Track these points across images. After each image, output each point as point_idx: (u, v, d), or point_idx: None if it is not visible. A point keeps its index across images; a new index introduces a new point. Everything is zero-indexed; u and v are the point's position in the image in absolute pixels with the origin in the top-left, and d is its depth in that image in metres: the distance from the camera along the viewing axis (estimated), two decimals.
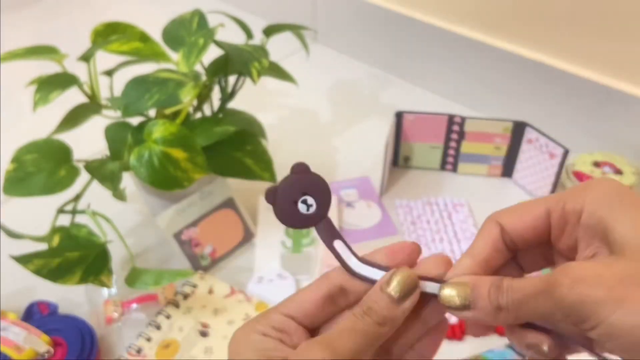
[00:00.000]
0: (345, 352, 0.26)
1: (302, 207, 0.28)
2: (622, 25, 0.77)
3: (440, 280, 0.28)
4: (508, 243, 0.29)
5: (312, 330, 0.30)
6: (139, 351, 0.62)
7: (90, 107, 0.67)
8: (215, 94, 0.71)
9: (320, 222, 0.29)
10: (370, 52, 1.09)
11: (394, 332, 0.28)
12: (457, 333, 0.64)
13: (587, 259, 0.27)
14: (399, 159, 0.86)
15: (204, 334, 0.63)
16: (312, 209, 0.29)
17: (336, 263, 0.29)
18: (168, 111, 0.67)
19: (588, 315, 0.24)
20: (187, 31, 0.70)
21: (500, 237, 0.29)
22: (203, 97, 0.70)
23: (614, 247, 0.25)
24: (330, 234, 0.29)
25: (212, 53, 0.66)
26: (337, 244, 0.29)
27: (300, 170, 0.29)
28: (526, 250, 0.30)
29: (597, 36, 0.80)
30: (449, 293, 0.27)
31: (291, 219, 0.29)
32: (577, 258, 0.28)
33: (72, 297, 0.68)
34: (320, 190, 0.29)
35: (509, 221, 0.29)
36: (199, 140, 0.64)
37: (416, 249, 0.30)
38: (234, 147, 0.68)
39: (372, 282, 0.29)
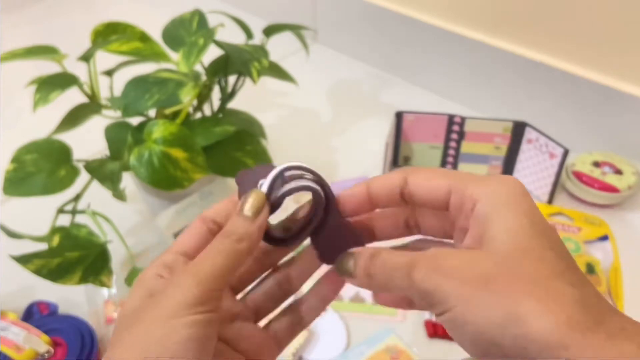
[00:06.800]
0: (209, 273, 0.27)
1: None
2: (622, 26, 0.77)
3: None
4: (407, 196, 0.30)
5: None
6: None
7: (90, 107, 0.67)
8: (215, 94, 0.71)
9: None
10: (370, 52, 1.09)
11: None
12: None
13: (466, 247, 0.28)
14: (399, 159, 0.86)
15: None
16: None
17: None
18: (168, 111, 0.67)
19: (437, 302, 0.26)
20: (187, 31, 0.70)
21: (400, 185, 0.30)
22: (203, 97, 0.70)
23: (486, 244, 0.26)
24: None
25: (212, 53, 0.66)
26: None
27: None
28: (425, 211, 0.32)
29: (597, 36, 0.80)
30: (342, 265, 0.30)
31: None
32: (462, 243, 0.28)
33: (72, 297, 0.68)
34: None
35: (415, 178, 0.30)
36: (199, 140, 0.64)
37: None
38: (234, 147, 0.68)
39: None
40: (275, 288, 0.33)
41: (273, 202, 0.30)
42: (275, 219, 0.31)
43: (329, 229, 0.31)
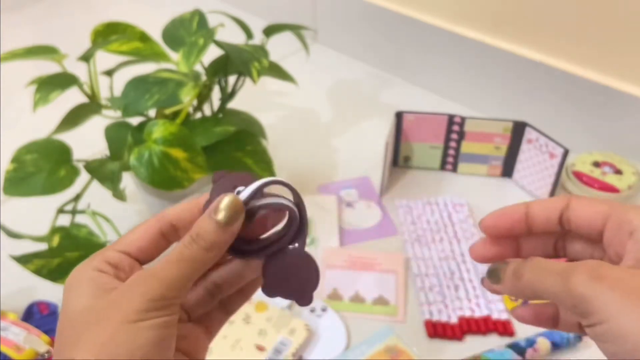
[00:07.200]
0: (171, 280, 0.27)
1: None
2: (622, 26, 0.77)
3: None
4: (564, 221, 0.30)
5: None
6: None
7: (90, 107, 0.67)
8: (215, 94, 0.71)
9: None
10: (370, 52, 1.09)
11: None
12: (457, 333, 0.64)
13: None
14: (399, 159, 0.86)
15: None
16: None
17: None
18: (168, 111, 0.67)
19: (594, 311, 0.25)
20: (187, 31, 0.70)
21: (561, 209, 0.30)
22: (203, 97, 0.70)
23: None
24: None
25: (212, 53, 0.66)
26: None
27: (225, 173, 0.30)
28: (575, 238, 0.31)
29: (597, 36, 0.80)
30: (492, 270, 0.30)
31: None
32: (621, 264, 0.28)
33: None
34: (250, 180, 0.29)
35: (577, 202, 0.30)
36: (199, 140, 0.64)
37: None
38: (234, 147, 0.68)
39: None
40: (206, 295, 0.32)
41: (247, 213, 0.28)
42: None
43: (289, 257, 0.30)
